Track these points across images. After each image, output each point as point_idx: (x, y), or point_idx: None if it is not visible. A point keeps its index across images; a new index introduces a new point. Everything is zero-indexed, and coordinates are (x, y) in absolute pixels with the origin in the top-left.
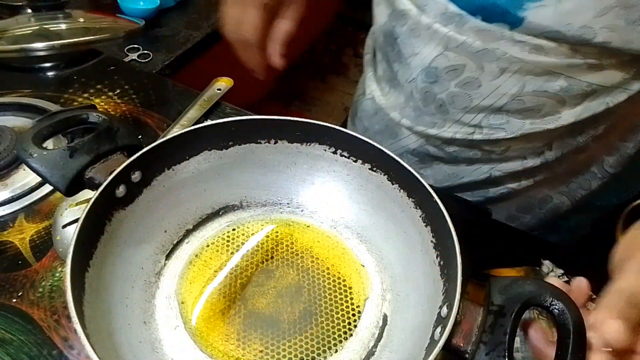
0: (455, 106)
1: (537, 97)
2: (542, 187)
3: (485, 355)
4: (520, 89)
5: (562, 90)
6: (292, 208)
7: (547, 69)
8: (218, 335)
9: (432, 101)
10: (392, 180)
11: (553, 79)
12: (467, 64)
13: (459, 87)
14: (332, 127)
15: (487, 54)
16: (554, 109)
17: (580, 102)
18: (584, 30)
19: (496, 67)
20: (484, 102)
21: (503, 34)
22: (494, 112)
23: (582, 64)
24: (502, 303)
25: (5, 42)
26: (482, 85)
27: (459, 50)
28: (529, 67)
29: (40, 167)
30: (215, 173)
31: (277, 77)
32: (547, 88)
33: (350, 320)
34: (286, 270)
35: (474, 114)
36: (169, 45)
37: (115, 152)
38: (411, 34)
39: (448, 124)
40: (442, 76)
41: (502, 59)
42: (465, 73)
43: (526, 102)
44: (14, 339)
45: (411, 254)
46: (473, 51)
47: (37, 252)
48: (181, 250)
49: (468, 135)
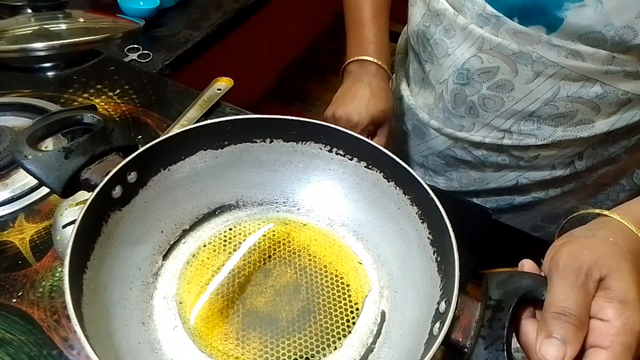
0: (486, 109)
1: (571, 103)
2: (569, 197)
3: (484, 349)
4: (554, 94)
5: (597, 97)
6: (289, 207)
7: (583, 74)
8: (217, 335)
9: (463, 103)
10: (388, 178)
11: (589, 85)
12: (501, 66)
13: (491, 89)
14: (328, 125)
15: (523, 57)
16: (588, 117)
17: (615, 111)
18: (625, 30)
19: (531, 71)
20: (516, 106)
21: (540, 38)
22: (526, 117)
23: (619, 71)
24: (500, 297)
25: (5, 42)
26: (515, 88)
27: (493, 52)
28: (565, 72)
29: (35, 169)
30: (211, 173)
31: (277, 77)
32: (582, 94)
33: (348, 318)
34: (284, 269)
35: (505, 119)
36: (169, 45)
37: (111, 152)
38: (446, 34)
39: (477, 127)
40: (475, 78)
41: (538, 63)
42: (498, 75)
43: (559, 108)
44: (14, 339)
45: (408, 250)
46: (508, 53)
47: (37, 252)
48: (178, 250)
49: (497, 140)
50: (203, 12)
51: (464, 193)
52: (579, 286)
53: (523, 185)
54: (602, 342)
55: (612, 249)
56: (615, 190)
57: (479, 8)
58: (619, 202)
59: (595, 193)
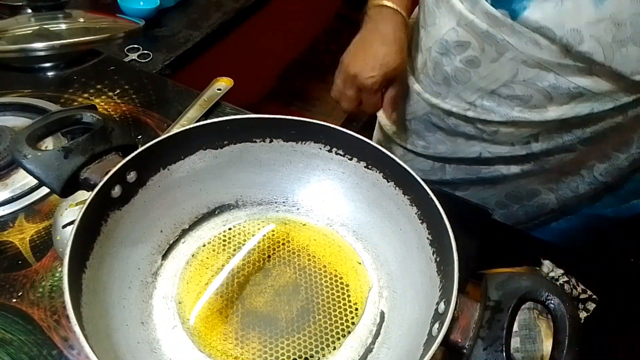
0: (457, 81)
1: (527, 88)
2: (530, 178)
3: (483, 350)
4: (512, 77)
5: (551, 86)
6: (288, 207)
7: (539, 62)
8: (216, 335)
9: (440, 72)
10: (388, 178)
11: (544, 73)
12: (471, 42)
13: (462, 63)
14: (327, 125)
15: (489, 37)
16: (542, 103)
17: (567, 102)
18: (573, 34)
19: (495, 51)
20: (480, 82)
21: (505, 21)
22: (487, 94)
23: (572, 66)
24: (499, 298)
25: (5, 42)
26: (481, 65)
27: (467, 28)
28: (523, 57)
29: (35, 169)
30: (210, 172)
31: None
32: (537, 81)
33: (347, 318)
34: (283, 268)
35: (471, 92)
36: (169, 45)
37: (110, 152)
38: (435, 3)
39: (450, 96)
40: (451, 50)
41: (501, 45)
42: (469, 51)
43: (516, 90)
44: (14, 339)
45: (407, 251)
46: (479, 31)
47: (37, 252)
48: (177, 250)
49: (463, 111)
50: (203, 12)
51: (437, 159)
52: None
53: (486, 158)
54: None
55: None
56: (576, 181)
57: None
58: (579, 194)
59: (556, 179)
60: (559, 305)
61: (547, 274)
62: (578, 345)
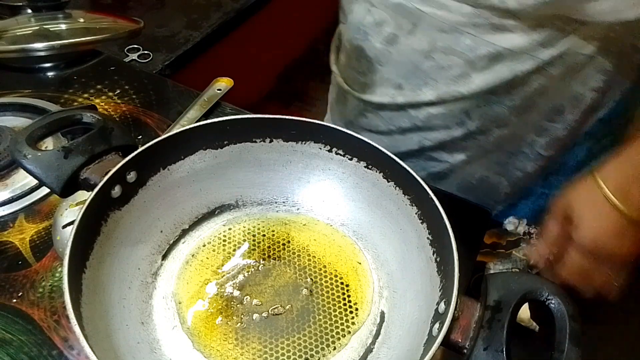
0: (380, 63)
1: (446, 56)
2: (476, 164)
3: (484, 350)
4: (431, 46)
5: (468, 49)
6: (288, 207)
7: (453, 26)
8: (216, 335)
9: (364, 59)
10: (388, 178)
11: (460, 37)
12: (386, 20)
13: (382, 43)
14: (327, 125)
15: (401, 8)
16: (465, 71)
17: (488, 65)
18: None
19: (410, 23)
20: (401, 58)
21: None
22: (412, 72)
23: (486, 24)
24: (499, 298)
25: (5, 42)
26: (399, 41)
27: (380, 5)
28: (437, 23)
29: (35, 169)
30: (210, 172)
31: (277, 77)
32: (455, 46)
33: (347, 318)
34: (283, 269)
35: (396, 72)
36: (169, 45)
37: (110, 152)
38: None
39: (377, 84)
40: (369, 33)
41: (414, 14)
42: (385, 28)
43: (437, 60)
44: (14, 339)
45: (407, 251)
46: (391, 5)
47: (37, 252)
48: (177, 250)
49: (392, 98)
50: (203, 12)
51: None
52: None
53: (428, 147)
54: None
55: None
56: (521, 159)
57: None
58: (528, 172)
59: (501, 162)
60: (559, 305)
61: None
62: (578, 345)
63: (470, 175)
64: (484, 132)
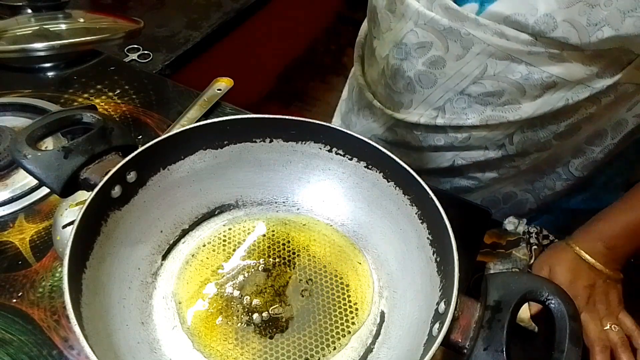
0: (422, 85)
1: (498, 83)
2: (506, 182)
3: (483, 350)
4: (481, 72)
5: (522, 77)
6: (288, 207)
7: (508, 53)
8: (216, 335)
9: (401, 79)
10: (388, 178)
11: (514, 65)
12: (434, 42)
13: (425, 65)
14: (327, 125)
15: (452, 33)
16: (514, 97)
17: (540, 93)
18: (546, 19)
19: (460, 47)
20: (448, 82)
21: (468, 15)
22: (457, 95)
23: (544, 53)
24: (499, 298)
25: (5, 42)
26: (446, 65)
27: (427, 27)
28: (491, 49)
29: (35, 169)
30: (210, 172)
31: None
32: (508, 74)
33: (347, 318)
34: (283, 269)
35: (439, 96)
36: (169, 45)
37: (110, 152)
38: (389, 8)
39: (415, 104)
40: (412, 53)
41: (466, 39)
42: (432, 51)
43: (487, 86)
44: (14, 339)
45: (407, 251)
46: (440, 29)
47: (37, 252)
48: (177, 250)
49: (432, 119)
50: (203, 12)
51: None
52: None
53: (460, 165)
54: None
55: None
56: (552, 179)
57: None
58: (557, 191)
59: (531, 180)
60: (559, 305)
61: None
62: (578, 345)
63: (497, 191)
64: (522, 155)
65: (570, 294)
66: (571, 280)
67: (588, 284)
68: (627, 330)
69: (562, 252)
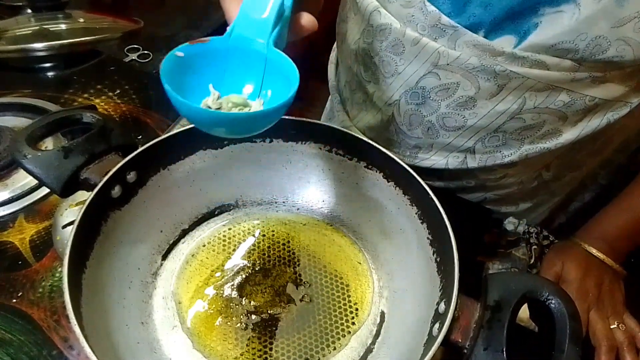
0: (447, 129)
1: (538, 114)
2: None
3: (484, 350)
4: (520, 106)
5: (565, 105)
6: (288, 207)
7: (549, 84)
8: (216, 335)
9: (419, 124)
10: (388, 178)
11: (555, 94)
12: (460, 82)
13: (451, 107)
14: (327, 125)
15: (484, 71)
16: (555, 127)
17: (582, 118)
18: (599, 41)
19: (494, 85)
20: (480, 122)
21: (503, 51)
22: (491, 134)
23: (586, 78)
24: (499, 298)
25: (5, 42)
26: (477, 104)
27: (451, 67)
28: (530, 82)
29: (35, 168)
30: (210, 172)
31: None
32: (549, 104)
33: (348, 318)
34: (283, 268)
35: (467, 137)
36: (169, 45)
37: (110, 152)
38: (393, 50)
39: (435, 149)
40: (431, 97)
41: (501, 76)
42: (459, 92)
43: (526, 120)
44: (14, 339)
45: (407, 251)
46: (468, 68)
47: (37, 252)
48: (177, 250)
49: (460, 163)
50: (203, 12)
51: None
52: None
53: (491, 200)
54: None
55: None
56: (581, 192)
57: (432, 19)
58: (585, 202)
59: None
60: (559, 305)
61: (516, 228)
62: (578, 345)
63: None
64: (558, 178)
65: (582, 290)
66: (582, 277)
67: (598, 281)
68: (630, 331)
69: (572, 248)
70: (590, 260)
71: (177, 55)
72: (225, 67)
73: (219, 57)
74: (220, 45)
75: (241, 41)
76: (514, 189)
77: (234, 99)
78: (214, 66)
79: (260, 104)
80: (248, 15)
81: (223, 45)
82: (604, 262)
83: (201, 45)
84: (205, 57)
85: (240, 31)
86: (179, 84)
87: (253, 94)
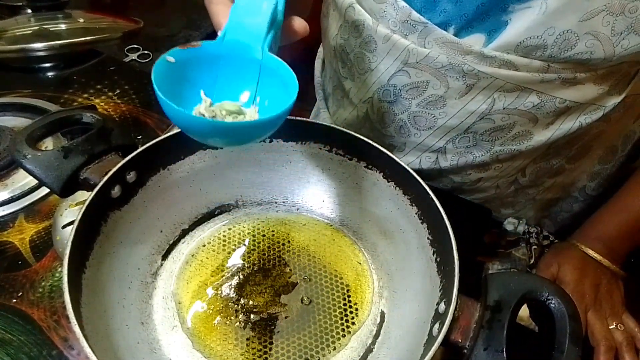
0: (418, 127)
1: (508, 115)
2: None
3: (484, 350)
4: (489, 107)
5: (535, 107)
6: (288, 207)
7: (518, 84)
8: (216, 335)
9: (392, 122)
10: (388, 178)
11: (524, 95)
12: (430, 80)
13: (421, 106)
14: (327, 125)
15: (453, 70)
16: (525, 129)
17: (553, 120)
18: (567, 35)
19: (463, 84)
20: (450, 121)
21: (471, 49)
22: (461, 134)
23: (556, 79)
24: (499, 298)
25: (5, 42)
26: (447, 103)
27: (421, 66)
28: (499, 83)
29: (35, 168)
30: (210, 172)
31: None
32: (518, 105)
33: (348, 318)
34: (283, 269)
35: (438, 137)
36: (169, 45)
37: (110, 152)
38: (366, 47)
39: (408, 147)
40: (403, 95)
41: (470, 75)
42: (428, 91)
43: (496, 121)
44: (14, 339)
45: (407, 251)
46: (437, 67)
47: (37, 252)
48: (177, 250)
49: (432, 163)
50: (203, 12)
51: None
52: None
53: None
54: None
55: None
56: (569, 202)
57: (402, 15)
58: (574, 212)
59: (547, 206)
60: (559, 305)
61: (516, 228)
62: (578, 345)
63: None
64: (536, 185)
65: (578, 292)
66: (578, 279)
67: (595, 283)
68: (630, 331)
69: (569, 250)
70: (587, 262)
71: (168, 60)
72: (217, 72)
73: (211, 62)
74: (212, 49)
75: (234, 46)
76: (491, 194)
77: (227, 106)
78: (206, 71)
79: (255, 111)
80: (241, 19)
81: (215, 50)
82: (601, 263)
83: (192, 50)
84: (196, 62)
85: (233, 36)
86: (171, 90)
87: (248, 101)
